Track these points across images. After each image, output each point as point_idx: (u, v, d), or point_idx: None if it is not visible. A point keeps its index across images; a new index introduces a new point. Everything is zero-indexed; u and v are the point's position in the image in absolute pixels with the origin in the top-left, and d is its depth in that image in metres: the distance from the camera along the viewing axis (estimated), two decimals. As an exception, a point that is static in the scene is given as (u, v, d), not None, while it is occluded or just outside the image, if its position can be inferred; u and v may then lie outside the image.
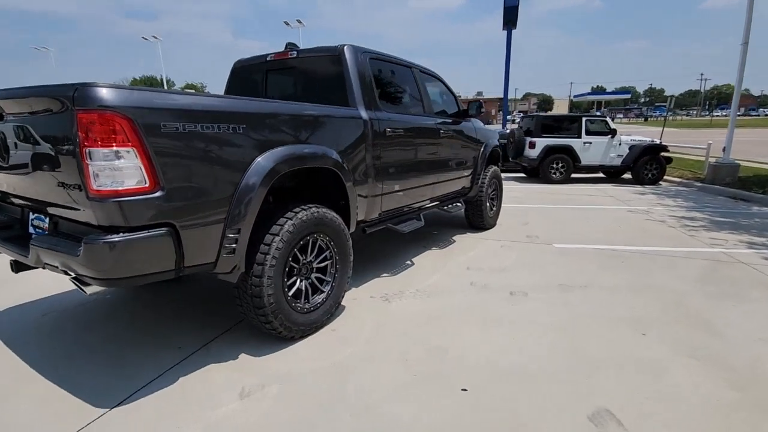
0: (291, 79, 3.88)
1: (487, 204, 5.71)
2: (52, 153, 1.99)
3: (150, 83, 69.34)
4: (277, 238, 2.52)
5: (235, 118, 2.27)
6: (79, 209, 1.99)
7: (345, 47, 3.38)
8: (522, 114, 20.63)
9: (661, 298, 3.51)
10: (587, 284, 3.82)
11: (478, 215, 5.56)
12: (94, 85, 1.81)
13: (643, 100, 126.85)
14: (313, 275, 2.92)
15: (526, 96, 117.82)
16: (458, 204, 5.15)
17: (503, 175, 12.08)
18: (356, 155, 3.21)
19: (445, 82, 4.87)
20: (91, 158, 1.81)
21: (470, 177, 5.26)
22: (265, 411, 2.12)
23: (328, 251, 2.98)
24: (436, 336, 2.87)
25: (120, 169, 1.86)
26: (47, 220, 2.30)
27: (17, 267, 2.46)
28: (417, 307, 3.35)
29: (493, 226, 5.90)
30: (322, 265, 2.98)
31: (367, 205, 3.47)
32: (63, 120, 1.86)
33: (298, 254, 2.75)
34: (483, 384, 2.34)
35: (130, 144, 1.85)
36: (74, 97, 1.78)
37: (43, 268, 2.19)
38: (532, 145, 10.55)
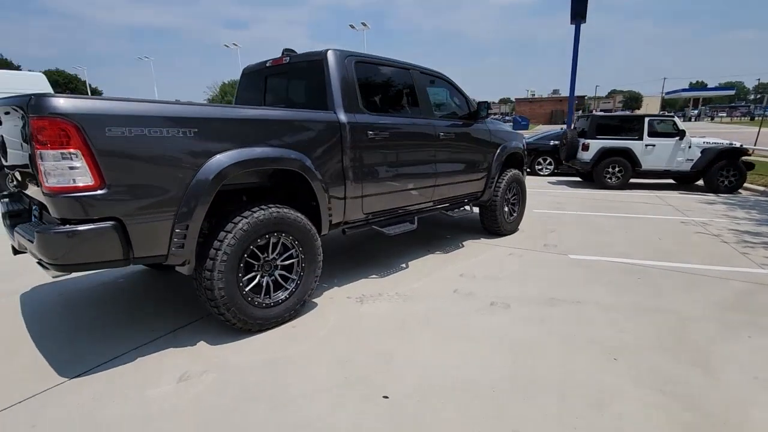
0: (285, 83, 4.05)
1: (505, 209, 5.47)
2: (27, 154, 2.31)
3: (233, 86, 74.94)
4: (230, 236, 2.67)
5: (185, 122, 2.46)
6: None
7: (328, 52, 3.47)
8: (588, 113, 19.41)
9: (662, 322, 3.15)
10: (581, 300, 3.54)
11: (492, 220, 5.35)
12: (46, 95, 2.08)
13: (752, 96, 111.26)
14: (276, 272, 3.05)
15: (612, 94, 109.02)
16: (466, 208, 4.99)
17: (556, 179, 11.55)
18: (330, 158, 3.28)
19: (453, 83, 4.75)
20: (42, 159, 2.09)
21: (483, 180, 5.08)
22: (192, 396, 2.28)
23: (293, 250, 3.09)
24: (391, 341, 2.85)
25: (67, 169, 2.11)
26: (38, 210, 2.66)
27: (15, 251, 2.87)
28: (388, 310, 3.34)
29: (511, 231, 5.64)
30: (287, 263, 3.09)
31: (348, 206, 3.53)
32: (25, 126, 2.15)
33: (258, 252, 2.89)
34: (409, 394, 2.30)
35: (76, 147, 2.10)
36: (29, 106, 2.07)
37: (24, 252, 2.55)
38: (586, 147, 9.84)
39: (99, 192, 2.20)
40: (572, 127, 11.06)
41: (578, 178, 11.20)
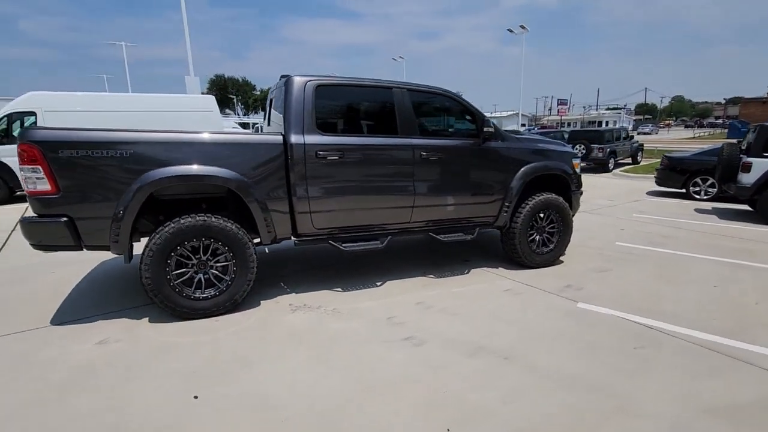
0: (275, 105, 4.51)
1: (535, 238, 4.80)
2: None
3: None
4: (157, 236, 3.30)
5: (122, 145, 3.17)
6: None
7: (289, 79, 3.80)
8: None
9: (584, 409, 2.46)
10: (513, 357, 2.99)
11: (511, 249, 4.76)
12: (31, 128, 3.04)
13: None
14: (211, 272, 3.56)
15: None
16: (461, 234, 4.57)
17: (713, 205, 9.03)
18: (272, 175, 3.62)
19: (459, 100, 4.44)
20: (22, 172, 3.06)
21: (496, 204, 4.59)
22: (95, 355, 2.96)
23: (224, 255, 3.55)
24: (265, 356, 2.98)
25: (34, 179, 3.04)
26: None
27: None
28: (305, 324, 3.48)
29: (544, 264, 4.88)
30: (221, 265, 3.57)
31: (297, 220, 3.81)
32: (19, 150, 3.16)
33: (189, 252, 3.45)
34: (220, 399, 2.49)
35: (38, 164, 3.01)
36: (19, 136, 3.05)
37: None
38: (746, 168, 7.48)
39: (54, 196, 3.08)
40: (735, 142, 8.49)
41: (747, 207, 8.53)
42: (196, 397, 2.52)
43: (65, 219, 3.13)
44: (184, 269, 3.48)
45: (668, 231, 6.67)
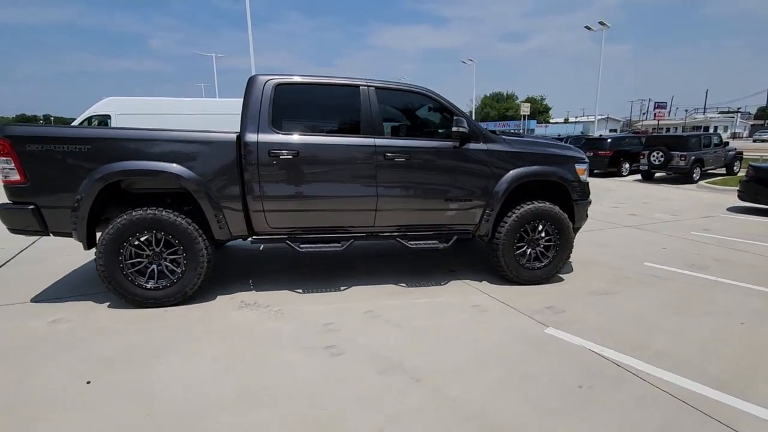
0: None
1: (527, 251, 4.33)
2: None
3: (495, 98, 77.36)
4: (111, 227, 3.50)
5: (81, 141, 3.42)
6: None
7: (251, 78, 3.83)
8: None
9: (464, 443, 2.12)
10: (424, 379, 2.69)
11: (495, 262, 4.33)
12: (4, 125, 3.41)
13: None
14: (164, 264, 3.70)
15: None
16: (434, 241, 4.23)
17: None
18: (225, 173, 3.67)
19: (434, 97, 4.13)
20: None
21: (477, 211, 4.21)
22: (40, 332, 3.22)
23: (175, 248, 3.67)
24: (181, 350, 3.00)
25: (7, 170, 3.39)
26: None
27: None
28: (242, 323, 3.47)
29: (534, 281, 4.37)
30: (174, 257, 3.70)
31: (253, 219, 3.82)
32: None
33: (143, 243, 3.62)
34: (103, 394, 2.55)
35: (9, 156, 3.36)
36: (-1, 131, 3.43)
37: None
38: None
39: (24, 185, 3.41)
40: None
41: None
42: (88, 383, 2.61)
43: (32, 207, 3.46)
44: (138, 259, 3.65)
45: (726, 254, 5.62)
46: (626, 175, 16.20)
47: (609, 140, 16.26)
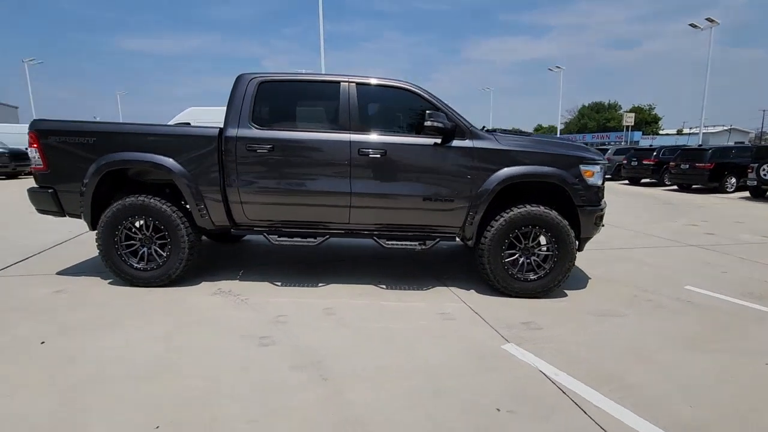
0: None
1: (522, 261, 3.94)
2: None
3: (593, 109, 71.68)
4: (108, 212, 3.92)
5: (87, 135, 3.90)
6: None
7: (238, 76, 4.04)
8: None
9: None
10: (342, 387, 2.56)
11: (481, 270, 3.98)
12: (33, 120, 4.02)
13: None
14: (153, 248, 4.04)
15: None
16: (412, 243, 4.01)
17: None
18: (204, 165, 3.91)
19: (417, 92, 3.94)
20: (29, 152, 4.04)
21: (460, 212, 3.93)
22: (39, 298, 3.71)
23: (163, 233, 3.98)
24: (134, 326, 3.22)
25: (35, 158, 3.99)
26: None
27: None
28: (204, 306, 3.63)
29: (527, 293, 3.93)
30: (162, 242, 4.02)
31: (232, 210, 4.02)
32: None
33: (135, 227, 3.99)
34: (46, 356, 2.83)
35: (36, 147, 3.95)
36: (30, 125, 4.05)
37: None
38: None
39: (46, 172, 3.98)
40: None
41: None
42: (42, 343, 2.93)
43: (51, 191, 4.01)
44: (131, 241, 4.03)
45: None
46: (732, 192, 13.87)
47: (710, 151, 14.06)
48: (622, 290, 4.24)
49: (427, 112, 3.64)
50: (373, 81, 4.01)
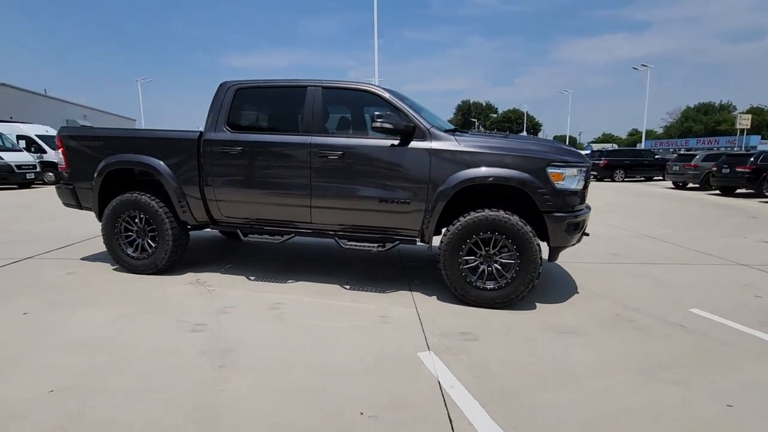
0: None
1: (483, 268, 3.73)
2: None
3: (699, 111, 63.77)
4: (109, 206, 4.47)
5: (94, 139, 4.50)
6: None
7: (220, 84, 4.38)
8: None
9: None
10: (231, 372, 2.67)
11: (440, 275, 3.84)
12: (63, 127, 4.73)
13: None
14: (146, 239, 4.52)
15: None
16: (370, 245, 3.96)
17: None
18: (185, 166, 4.29)
19: (380, 95, 3.93)
20: (57, 154, 4.77)
21: (417, 216, 3.84)
22: (51, 277, 4.34)
23: (151, 226, 4.44)
24: (104, 306, 3.67)
25: (62, 160, 4.70)
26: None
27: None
28: (171, 293, 3.96)
29: (485, 303, 3.71)
30: (153, 234, 4.48)
31: (209, 207, 4.36)
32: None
33: (130, 221, 4.50)
34: (23, 324, 3.33)
35: (62, 149, 4.65)
36: (57, 132, 4.77)
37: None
38: None
39: (67, 171, 4.66)
40: None
41: None
42: (25, 314, 3.44)
43: (71, 187, 4.69)
44: (128, 233, 4.55)
45: None
46: None
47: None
48: (605, 308, 3.80)
49: (375, 113, 3.62)
50: (339, 84, 4.10)
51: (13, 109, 31.36)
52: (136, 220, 4.49)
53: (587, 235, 4.06)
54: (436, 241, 3.91)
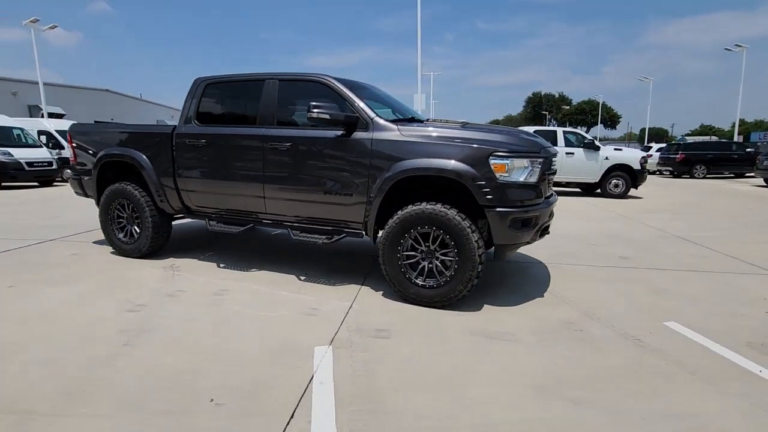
0: None
1: (424, 265, 3.56)
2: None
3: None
4: (104, 194, 4.93)
5: (92, 134, 4.97)
6: None
7: (194, 79, 4.61)
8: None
9: (36, 392, 2.28)
10: (131, 348, 2.83)
11: (381, 269, 3.73)
12: (72, 124, 5.29)
13: None
14: (134, 226, 4.91)
15: None
16: (318, 237, 3.93)
17: None
18: (162, 158, 4.58)
19: (330, 84, 3.87)
20: (69, 149, 5.34)
21: (359, 209, 3.76)
22: (53, 257, 4.89)
23: (137, 214, 4.81)
24: (75, 281, 4.05)
25: (72, 153, 5.26)
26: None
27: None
28: (137, 276, 4.27)
29: (425, 301, 3.53)
30: (138, 221, 4.86)
31: (182, 196, 4.62)
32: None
33: (120, 209, 4.91)
34: (8, 297, 3.80)
35: (71, 144, 5.21)
36: (69, 128, 5.34)
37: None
38: None
39: (75, 163, 5.21)
40: None
41: None
42: (10, 287, 3.92)
43: (78, 177, 5.23)
44: (120, 220, 4.98)
45: None
46: None
47: None
48: (561, 315, 3.42)
49: (311, 103, 3.57)
50: (292, 76, 4.12)
51: (113, 111, 35.76)
52: (125, 208, 4.89)
53: (547, 233, 3.68)
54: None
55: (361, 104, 3.75)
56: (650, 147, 25.10)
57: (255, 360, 2.68)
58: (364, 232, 3.87)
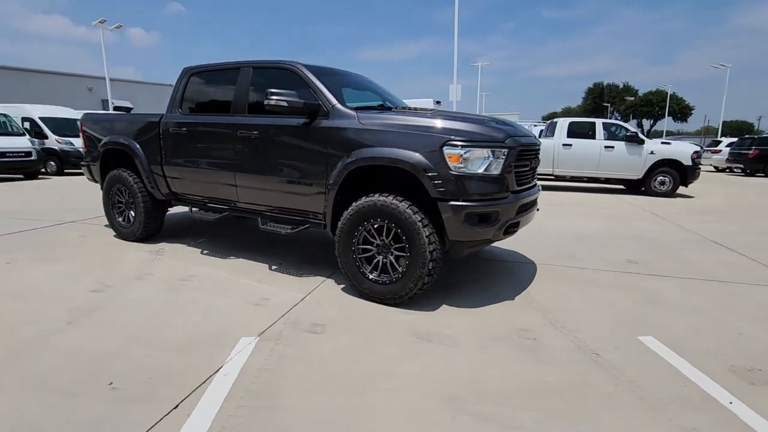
0: None
1: (379, 259, 3.41)
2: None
3: None
4: (105, 180, 5.20)
5: (98, 122, 5.24)
6: None
7: (183, 69, 4.71)
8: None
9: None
10: (78, 329, 2.94)
11: (339, 264, 3.61)
12: (84, 113, 5.62)
13: None
14: (130, 211, 5.15)
15: None
16: (283, 227, 3.87)
17: None
18: (151, 145, 4.74)
19: (297, 71, 3.77)
20: (80, 137, 5.69)
21: (318, 199, 3.66)
22: (63, 236, 5.24)
23: (131, 200, 5.04)
24: (64, 258, 4.31)
25: (84, 141, 5.60)
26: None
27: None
28: (120, 257, 4.46)
29: (377, 297, 3.38)
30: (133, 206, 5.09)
31: (169, 183, 4.77)
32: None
33: (119, 194, 5.16)
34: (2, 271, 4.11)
35: (83, 133, 5.54)
36: (81, 117, 5.68)
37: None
38: None
39: (85, 150, 5.55)
40: None
41: None
42: (8, 263, 4.25)
43: (89, 163, 5.56)
44: (119, 204, 5.24)
45: None
46: None
47: None
48: (519, 321, 3.12)
49: (268, 90, 3.49)
50: (265, 64, 4.07)
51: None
52: (123, 194, 5.14)
53: (515, 231, 3.37)
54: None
55: (324, 90, 3.63)
56: (719, 141, 22.65)
57: (180, 347, 2.68)
58: (327, 225, 3.77)
